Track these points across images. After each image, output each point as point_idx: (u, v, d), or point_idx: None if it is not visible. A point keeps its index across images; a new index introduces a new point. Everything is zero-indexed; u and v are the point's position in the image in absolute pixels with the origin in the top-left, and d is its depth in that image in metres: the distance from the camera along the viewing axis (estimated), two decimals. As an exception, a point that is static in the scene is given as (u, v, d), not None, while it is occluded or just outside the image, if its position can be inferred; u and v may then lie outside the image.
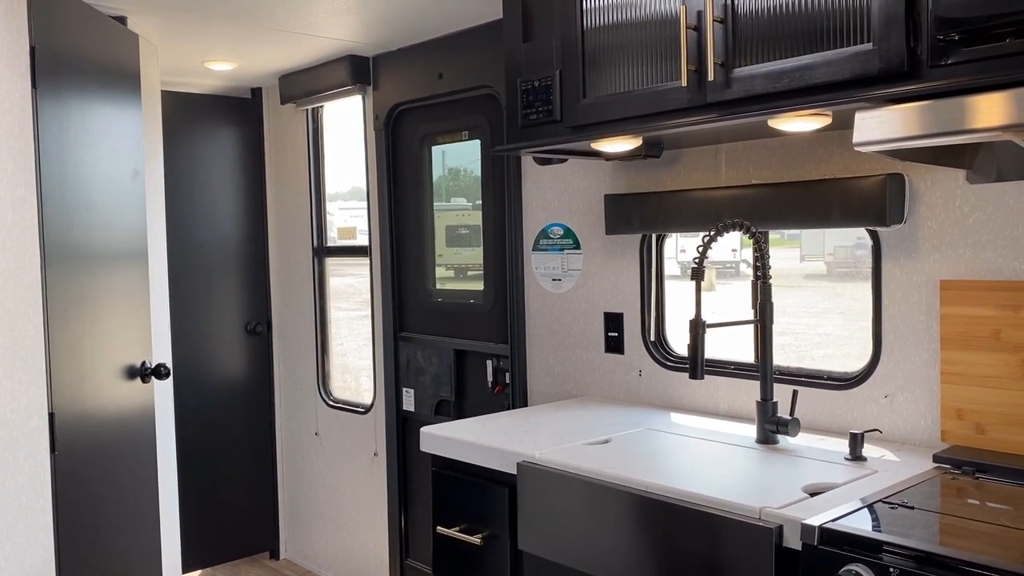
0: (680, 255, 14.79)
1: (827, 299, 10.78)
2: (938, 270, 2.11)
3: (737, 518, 1.70)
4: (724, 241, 9.35)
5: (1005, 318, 1.97)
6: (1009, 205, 2.00)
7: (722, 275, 13.77)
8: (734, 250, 14.97)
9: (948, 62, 1.59)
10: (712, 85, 1.93)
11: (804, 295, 11.08)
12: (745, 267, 14.21)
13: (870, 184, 2.14)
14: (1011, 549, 1.47)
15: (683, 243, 14.56)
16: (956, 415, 2.06)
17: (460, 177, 3.64)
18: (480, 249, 3.39)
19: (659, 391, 2.75)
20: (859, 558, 1.51)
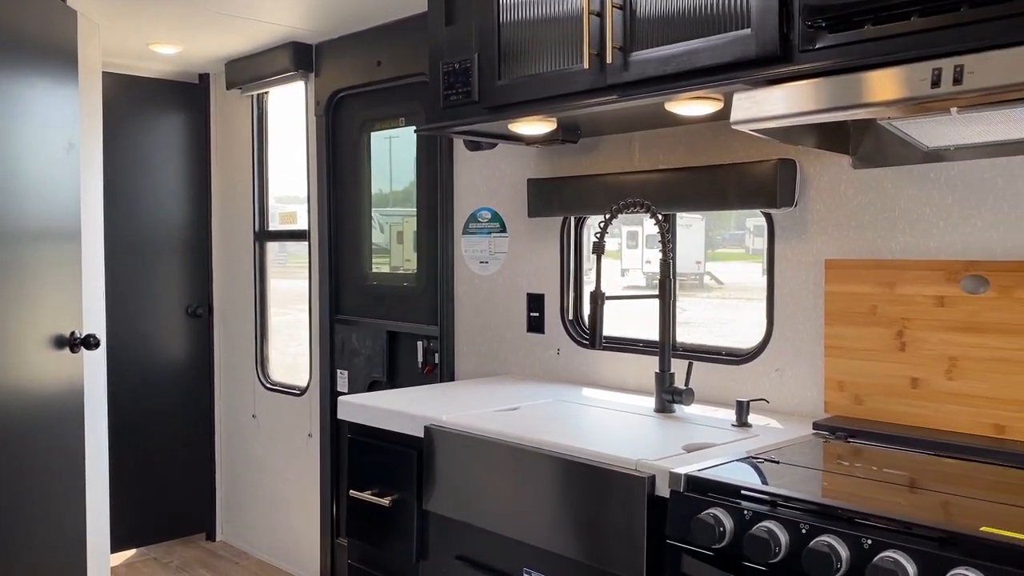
0: (646, 266, 14.96)
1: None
2: (824, 250, 2.25)
3: (616, 469, 1.81)
4: (688, 253, 9.23)
5: (881, 294, 2.11)
6: (887, 189, 2.14)
7: (684, 287, 14.00)
8: (698, 262, 15.22)
9: (816, 47, 1.72)
10: (612, 68, 2.05)
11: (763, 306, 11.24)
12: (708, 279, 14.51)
13: (763, 169, 2.27)
14: (855, 495, 1.59)
15: (648, 254, 14.77)
16: (838, 387, 2.19)
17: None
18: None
19: (575, 368, 2.86)
20: (719, 503, 1.63)
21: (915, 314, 2.05)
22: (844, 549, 1.44)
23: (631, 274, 16.54)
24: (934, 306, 2.02)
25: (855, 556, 1.43)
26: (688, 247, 15.64)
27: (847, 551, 1.43)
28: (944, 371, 2.01)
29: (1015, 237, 1.94)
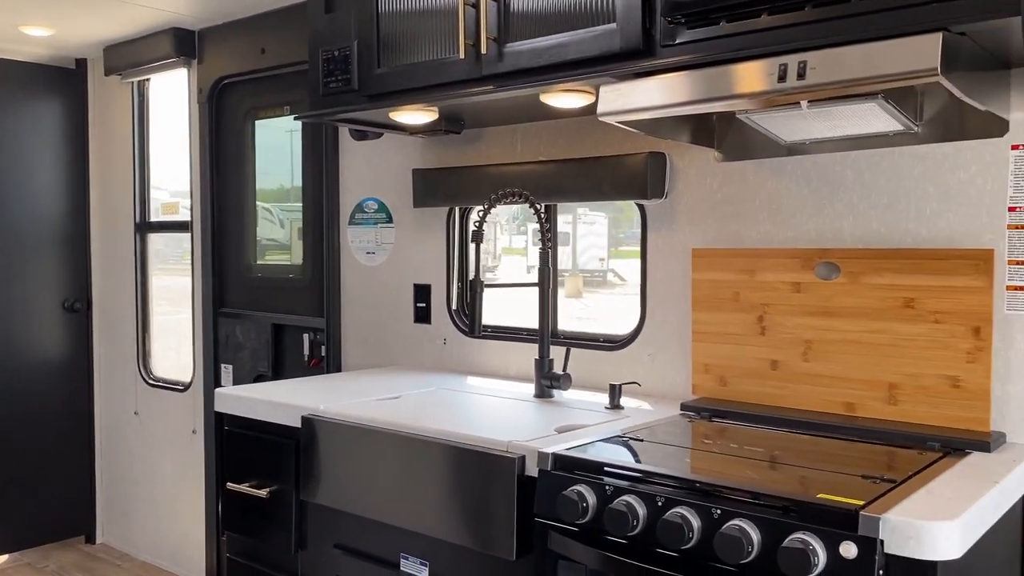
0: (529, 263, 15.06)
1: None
2: (692, 240, 2.34)
3: (488, 452, 1.85)
4: (590, 250, 9.58)
5: (743, 281, 2.21)
6: (749, 181, 2.25)
7: (589, 283, 14.21)
8: (602, 259, 15.45)
9: (677, 42, 1.80)
10: (487, 59, 2.09)
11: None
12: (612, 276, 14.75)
13: (635, 161, 2.35)
14: (711, 470, 1.67)
15: (533, 252, 14.87)
16: (704, 370, 2.29)
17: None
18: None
19: (462, 358, 2.88)
20: (583, 480, 1.68)
21: (774, 300, 2.16)
22: (696, 519, 1.51)
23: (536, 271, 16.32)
24: (791, 292, 2.14)
25: (706, 526, 1.50)
26: (592, 245, 15.81)
27: (699, 521, 1.51)
28: (800, 353, 2.13)
29: (863, 226, 2.07)
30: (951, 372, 1.91)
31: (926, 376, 1.94)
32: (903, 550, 1.33)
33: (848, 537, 1.36)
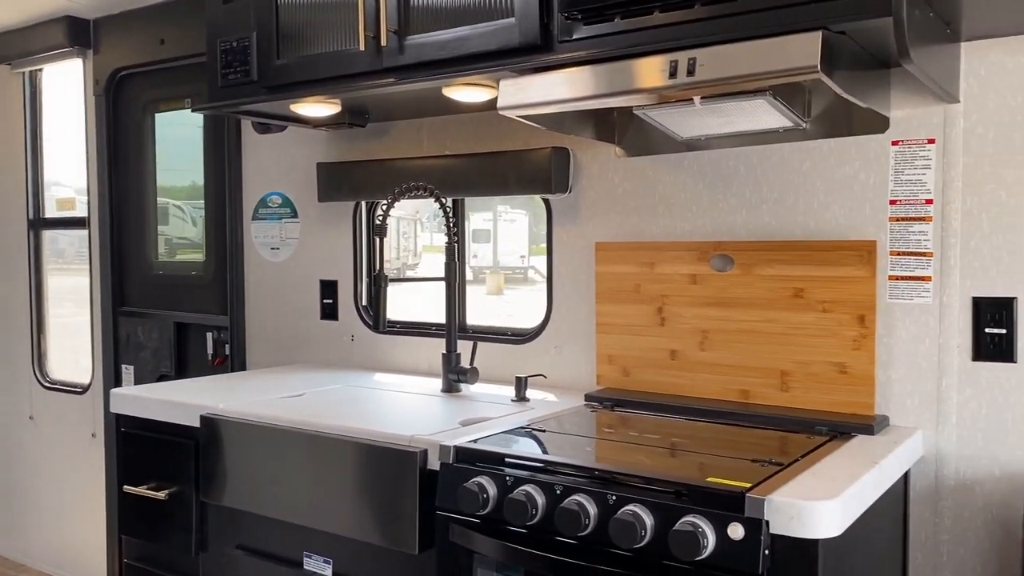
0: (472, 260, 15.09)
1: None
2: (595, 234, 2.38)
3: (390, 446, 1.84)
4: (512, 246, 9.72)
5: (643, 274, 2.26)
6: (648, 176, 2.29)
7: (510, 280, 14.26)
8: (522, 256, 15.53)
9: (574, 37, 1.82)
10: (388, 51, 2.07)
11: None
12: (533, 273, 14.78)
13: (539, 156, 2.37)
14: (609, 458, 1.70)
15: (474, 248, 14.88)
16: (608, 361, 2.33)
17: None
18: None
19: (370, 354, 2.86)
20: (484, 471, 1.69)
21: (673, 291, 2.21)
22: (593, 506, 1.53)
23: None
24: (689, 283, 2.19)
25: (602, 512, 1.53)
26: (512, 242, 15.83)
27: (595, 508, 1.53)
28: (698, 343, 2.18)
29: (755, 219, 2.13)
30: (838, 359, 1.99)
31: (815, 363, 2.02)
32: (787, 529, 1.38)
33: (735, 519, 1.40)
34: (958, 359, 1.89)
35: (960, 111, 1.87)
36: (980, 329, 1.86)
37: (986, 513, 1.86)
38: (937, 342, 1.91)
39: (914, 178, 1.92)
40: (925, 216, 1.91)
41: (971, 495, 1.88)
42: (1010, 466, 1.84)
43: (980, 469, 1.87)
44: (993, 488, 1.86)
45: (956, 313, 1.89)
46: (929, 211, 1.91)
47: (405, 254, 15.33)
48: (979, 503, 1.87)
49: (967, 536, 1.89)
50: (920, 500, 1.93)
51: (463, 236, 2.69)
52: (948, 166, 1.89)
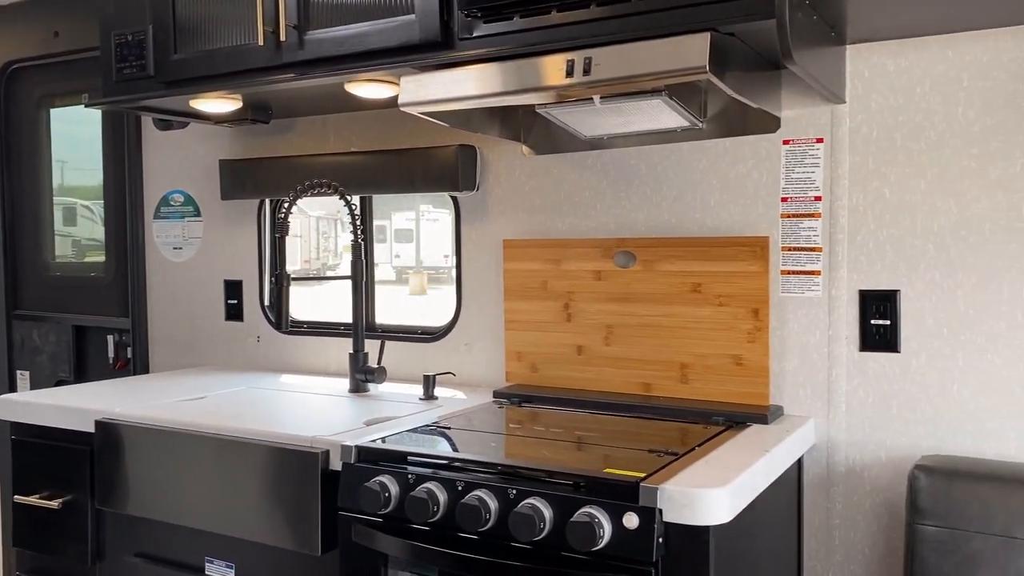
0: (395, 260, 14.97)
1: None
2: (503, 231, 2.39)
3: (292, 448, 1.81)
4: (436, 246, 9.71)
5: (550, 271, 2.28)
6: (554, 175, 2.32)
7: (434, 279, 14.17)
8: (446, 256, 15.44)
9: (474, 35, 1.82)
10: (287, 46, 2.04)
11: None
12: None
13: (446, 154, 2.37)
14: (513, 453, 1.71)
15: (397, 248, 14.73)
16: (517, 357, 2.35)
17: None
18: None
19: (277, 355, 2.81)
20: (387, 470, 1.68)
21: (578, 287, 2.24)
22: (494, 501, 1.54)
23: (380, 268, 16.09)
24: (593, 280, 2.22)
25: (503, 506, 1.54)
26: (436, 241, 15.76)
27: (496, 502, 1.54)
28: (603, 338, 2.22)
29: (656, 216, 2.18)
30: (734, 351, 2.05)
31: (713, 356, 2.08)
32: (679, 517, 1.42)
33: (630, 508, 1.43)
34: (846, 350, 1.97)
35: (846, 111, 1.95)
36: (866, 321, 1.94)
37: (874, 497, 1.95)
38: (827, 334, 1.99)
39: (804, 176, 1.99)
40: (814, 212, 1.99)
41: (860, 480, 1.96)
42: (895, 451, 1.93)
43: (868, 455, 1.95)
44: (880, 473, 1.94)
45: (844, 306, 1.97)
46: (818, 208, 1.98)
47: (325, 254, 15.10)
48: (867, 488, 1.96)
49: (857, 520, 1.97)
50: (813, 486, 2.01)
51: (370, 234, 2.67)
52: (835, 164, 1.96)
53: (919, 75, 1.87)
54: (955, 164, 1.84)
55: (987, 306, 1.83)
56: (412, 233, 15.04)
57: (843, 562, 1.98)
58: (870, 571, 1.96)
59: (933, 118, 1.86)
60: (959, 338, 1.85)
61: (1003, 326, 1.81)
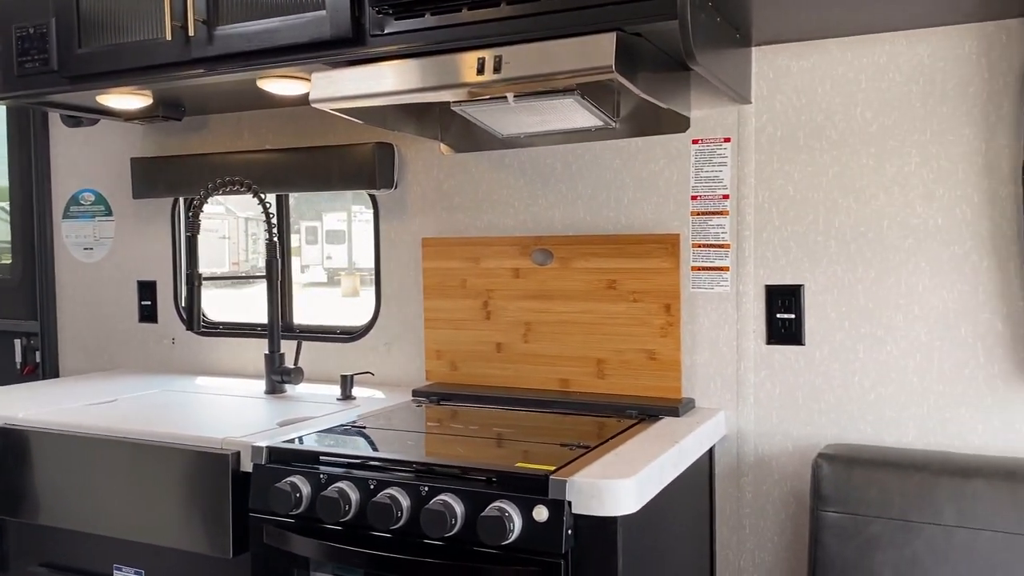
0: (327, 262, 14.70)
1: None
2: (422, 229, 2.39)
3: (201, 450, 1.78)
4: (368, 247, 9.48)
5: (469, 269, 2.29)
6: (472, 173, 2.33)
7: (368, 281, 14.01)
8: (380, 257, 15.23)
9: (385, 32, 1.82)
10: (196, 41, 2.00)
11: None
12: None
13: (363, 151, 2.36)
14: (428, 450, 1.71)
15: (329, 249, 14.48)
16: (436, 356, 2.35)
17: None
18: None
19: (192, 358, 2.75)
20: (299, 471, 1.66)
21: (497, 285, 2.26)
22: (406, 499, 1.54)
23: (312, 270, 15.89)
24: (512, 277, 2.24)
25: (415, 504, 1.54)
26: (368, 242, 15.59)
27: (408, 500, 1.54)
28: (521, 335, 2.24)
29: (571, 215, 2.21)
30: (648, 346, 2.09)
31: (628, 351, 2.11)
32: (587, 509, 1.44)
33: (540, 501, 1.45)
34: (754, 343, 2.02)
35: (752, 111, 2.00)
36: (772, 315, 2.00)
37: (782, 486, 2.01)
38: (735, 328, 2.04)
39: (712, 175, 2.04)
40: (722, 210, 2.04)
41: (769, 470, 2.02)
42: (801, 441, 1.99)
43: (775, 445, 2.01)
44: (787, 462, 2.00)
45: (751, 300, 2.02)
46: (726, 206, 2.04)
47: (255, 256, 14.79)
48: (776, 477, 2.01)
49: (766, 509, 2.02)
50: (724, 477, 2.06)
51: (286, 233, 2.64)
52: (742, 163, 2.02)
53: (820, 76, 1.94)
54: (854, 162, 1.92)
55: (885, 299, 1.90)
56: (344, 234, 14.86)
57: (753, 550, 2.04)
58: (779, 558, 2.02)
59: (834, 118, 1.93)
60: (860, 330, 1.93)
61: (900, 318, 1.89)
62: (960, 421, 1.85)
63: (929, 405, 1.87)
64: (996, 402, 1.82)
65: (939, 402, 1.86)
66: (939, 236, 1.85)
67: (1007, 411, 1.81)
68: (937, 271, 1.85)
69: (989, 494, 1.65)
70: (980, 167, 1.81)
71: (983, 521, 1.64)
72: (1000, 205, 1.80)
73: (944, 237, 1.84)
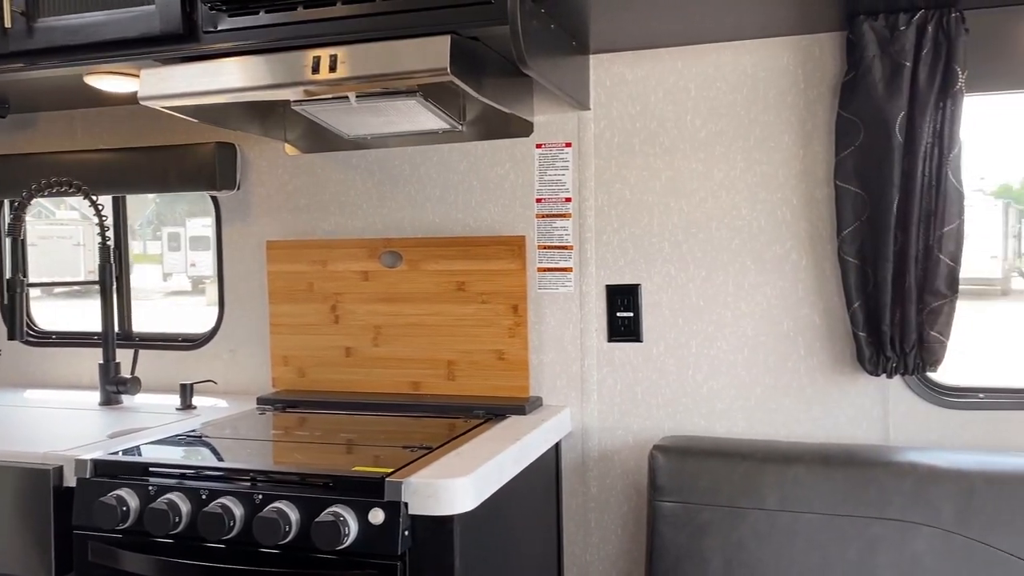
0: (191, 269, 14.06)
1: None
2: (267, 232, 2.34)
3: (21, 465, 1.67)
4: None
5: (316, 272, 2.25)
6: (319, 174, 2.29)
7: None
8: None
9: (219, 29, 1.77)
10: (14, 34, 1.88)
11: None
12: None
13: (203, 152, 2.28)
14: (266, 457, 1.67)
15: (193, 257, 13.88)
16: (283, 362, 2.29)
17: None
18: None
19: (23, 369, 2.58)
20: (126, 483, 1.59)
21: (346, 289, 2.23)
22: (239, 508, 1.50)
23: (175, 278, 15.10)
24: (361, 280, 2.22)
25: (248, 512, 1.50)
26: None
27: (242, 509, 1.50)
28: (371, 339, 2.22)
29: (421, 216, 2.21)
30: (497, 347, 2.12)
31: (477, 352, 2.13)
32: (424, 509, 1.44)
33: (376, 504, 1.44)
34: (596, 341, 2.09)
35: (591, 117, 2.07)
36: (613, 313, 2.07)
37: (624, 479, 2.08)
38: (579, 327, 2.10)
39: (555, 178, 2.09)
40: (565, 213, 2.09)
41: (612, 464, 2.08)
42: (641, 434, 2.06)
43: (617, 439, 2.08)
44: (628, 456, 2.07)
45: (593, 300, 2.08)
46: (568, 208, 2.09)
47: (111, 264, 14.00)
48: (618, 470, 2.08)
49: (610, 502, 2.09)
50: (570, 473, 2.11)
51: (124, 236, 2.52)
52: (583, 167, 2.08)
53: (654, 85, 2.02)
54: (685, 167, 2.01)
55: (715, 297, 2.00)
56: (209, 240, 14.32)
57: (599, 543, 2.10)
58: (622, 549, 2.08)
59: (666, 124, 2.02)
60: (692, 327, 2.02)
61: (729, 315, 1.99)
62: (785, 411, 1.96)
63: (757, 396, 1.98)
64: (816, 392, 1.94)
65: (765, 393, 1.97)
66: (762, 236, 1.96)
67: (826, 400, 1.94)
68: (762, 269, 1.97)
69: (809, 479, 1.76)
70: (798, 172, 1.93)
71: (803, 504, 1.75)
72: (816, 207, 1.92)
73: (767, 237, 1.96)
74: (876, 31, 1.76)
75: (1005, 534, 1.64)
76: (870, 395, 1.91)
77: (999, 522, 1.65)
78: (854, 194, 1.81)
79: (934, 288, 1.77)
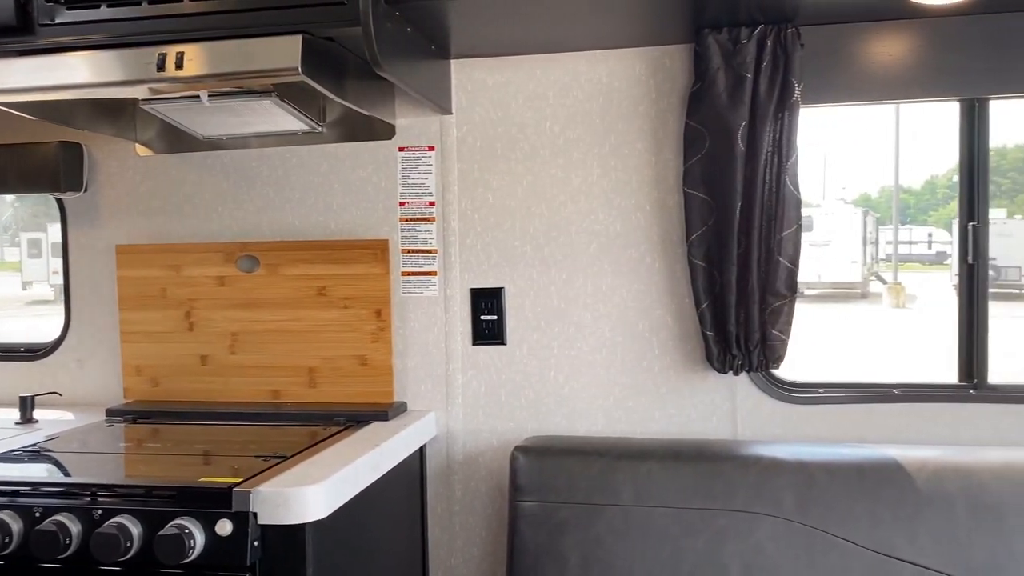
0: (53, 277, 13.20)
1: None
2: (117, 236, 2.23)
3: None
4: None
5: (169, 277, 2.17)
6: (173, 176, 2.21)
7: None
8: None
9: (56, 22, 1.68)
10: None
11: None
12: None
13: (46, 152, 2.16)
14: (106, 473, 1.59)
15: (55, 264, 13.08)
16: (136, 372, 2.20)
17: None
18: None
19: None
20: (-50, 503, 1.48)
21: (201, 295, 2.15)
22: (76, 524, 1.43)
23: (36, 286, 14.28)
24: (216, 286, 2.15)
25: (86, 529, 1.43)
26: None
27: (79, 526, 1.43)
28: (228, 346, 2.15)
29: (280, 220, 2.16)
30: (360, 352, 2.09)
31: (340, 358, 2.10)
32: (275, 518, 1.41)
33: (224, 515, 1.40)
34: (461, 344, 2.09)
35: (454, 122, 2.08)
36: (477, 316, 2.08)
37: (488, 481, 2.09)
38: (444, 330, 2.10)
39: (419, 182, 2.09)
40: (429, 217, 2.09)
41: (476, 466, 2.09)
42: (505, 436, 2.08)
43: (482, 442, 2.09)
44: (493, 458, 2.09)
45: (458, 303, 2.09)
46: (432, 212, 2.09)
47: (-13, 273, 13.11)
48: (483, 473, 2.09)
49: (475, 505, 2.10)
50: (435, 477, 2.11)
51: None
52: (446, 171, 2.08)
53: (514, 91, 2.05)
54: (545, 172, 2.04)
55: (575, 299, 2.05)
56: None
57: (464, 546, 2.10)
58: (486, 551, 2.10)
59: (526, 130, 2.05)
60: (554, 329, 2.06)
61: (588, 316, 2.04)
62: (641, 409, 2.03)
63: (615, 396, 2.04)
64: (669, 390, 2.02)
65: (623, 392, 2.03)
66: (619, 241, 2.02)
67: (679, 397, 2.01)
68: (618, 272, 2.02)
69: (661, 474, 1.82)
70: (650, 178, 2.00)
71: (656, 499, 1.81)
72: (668, 213, 2.00)
73: (623, 242, 2.02)
74: (720, 44, 1.84)
75: (840, 521, 1.75)
76: (719, 392, 1.99)
77: (835, 510, 1.75)
78: (701, 200, 1.89)
79: (775, 289, 1.86)
